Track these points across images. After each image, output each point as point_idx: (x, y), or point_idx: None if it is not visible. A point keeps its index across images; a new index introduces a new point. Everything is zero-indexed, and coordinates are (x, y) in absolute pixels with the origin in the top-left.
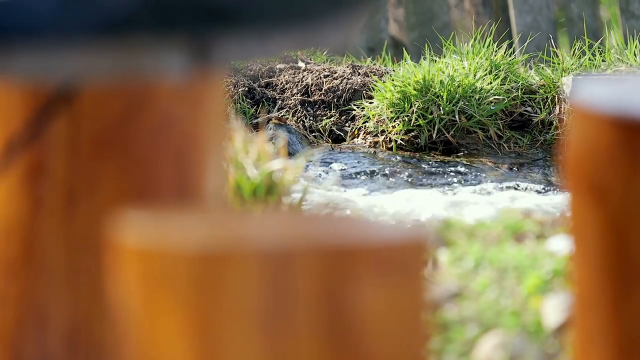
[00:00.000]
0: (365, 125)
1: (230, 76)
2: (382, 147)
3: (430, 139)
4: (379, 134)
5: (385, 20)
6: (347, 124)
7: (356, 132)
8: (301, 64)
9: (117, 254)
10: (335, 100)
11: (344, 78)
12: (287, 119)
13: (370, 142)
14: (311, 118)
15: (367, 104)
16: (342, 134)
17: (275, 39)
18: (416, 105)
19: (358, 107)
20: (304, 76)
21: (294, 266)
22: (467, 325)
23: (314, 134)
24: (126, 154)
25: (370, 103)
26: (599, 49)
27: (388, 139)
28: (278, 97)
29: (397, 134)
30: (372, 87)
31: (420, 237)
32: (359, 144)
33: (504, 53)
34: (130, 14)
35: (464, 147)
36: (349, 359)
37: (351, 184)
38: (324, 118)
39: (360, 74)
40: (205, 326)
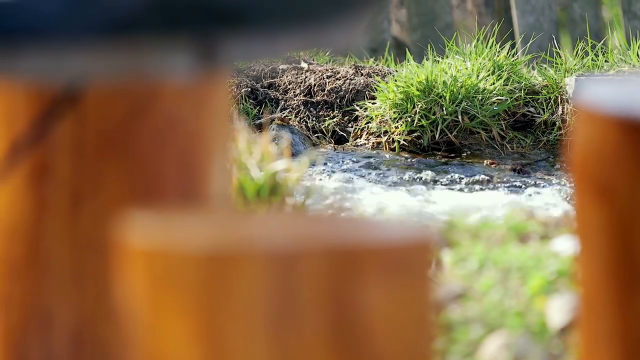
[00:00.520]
0: (368, 126)
1: (232, 77)
2: (385, 148)
3: (433, 140)
4: (381, 135)
5: (388, 21)
6: (349, 125)
7: (359, 132)
8: (304, 65)
9: (124, 255)
10: (338, 100)
11: (347, 79)
12: (290, 119)
13: (373, 142)
14: (314, 119)
15: (370, 104)
16: (344, 134)
17: (281, 39)
18: (419, 106)
19: (361, 108)
20: (306, 77)
21: (300, 267)
22: (471, 326)
23: (317, 134)
24: (131, 154)
25: (373, 104)
26: (601, 49)
27: (391, 139)
28: (281, 98)
29: (399, 134)
30: (374, 88)
31: (426, 238)
32: (361, 145)
33: (507, 54)
34: (136, 14)
35: (467, 148)
36: (355, 359)
37: (354, 185)
38: (327, 119)
39: (363, 74)
40: (211, 327)
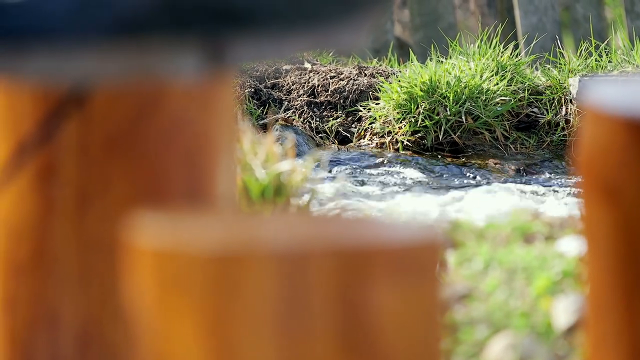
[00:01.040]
0: (371, 127)
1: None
2: (389, 148)
3: (437, 140)
4: (385, 135)
5: (391, 21)
6: (353, 125)
7: (362, 133)
8: (307, 65)
9: (131, 255)
10: (342, 101)
11: (350, 79)
12: (294, 120)
13: (377, 143)
14: (318, 119)
15: (374, 105)
16: (348, 135)
17: (289, 40)
18: (423, 106)
19: (364, 108)
20: (310, 77)
21: (309, 268)
22: (477, 327)
23: (321, 135)
24: (137, 155)
25: (377, 104)
26: (605, 49)
27: (394, 140)
28: (284, 98)
29: (403, 135)
30: (378, 88)
31: (434, 238)
32: (365, 145)
33: (510, 54)
34: (144, 15)
35: (471, 148)
36: None
37: (358, 185)
38: (331, 119)
39: (366, 75)
40: (220, 328)
